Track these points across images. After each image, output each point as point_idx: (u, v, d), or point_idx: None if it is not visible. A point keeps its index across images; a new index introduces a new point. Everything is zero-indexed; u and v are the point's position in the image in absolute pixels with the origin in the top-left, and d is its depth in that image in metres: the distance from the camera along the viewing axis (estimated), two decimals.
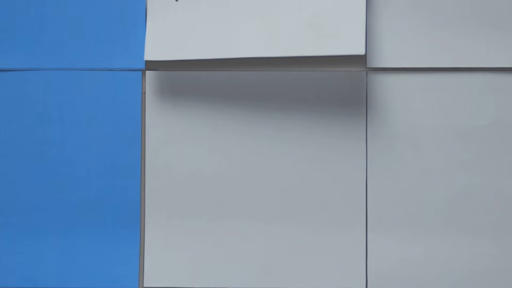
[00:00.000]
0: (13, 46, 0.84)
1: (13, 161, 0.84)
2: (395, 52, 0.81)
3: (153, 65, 0.84)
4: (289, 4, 0.80)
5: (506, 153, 0.80)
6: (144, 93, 0.84)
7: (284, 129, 0.83)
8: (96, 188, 0.84)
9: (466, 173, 0.81)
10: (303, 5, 0.80)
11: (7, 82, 0.84)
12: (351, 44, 0.78)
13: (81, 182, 0.84)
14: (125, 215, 0.84)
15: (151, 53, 0.82)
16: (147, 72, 0.84)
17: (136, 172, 0.83)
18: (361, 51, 0.77)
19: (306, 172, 0.83)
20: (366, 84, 0.82)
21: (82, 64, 0.84)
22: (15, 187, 0.84)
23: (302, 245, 0.83)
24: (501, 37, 0.80)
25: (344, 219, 0.82)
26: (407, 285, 0.82)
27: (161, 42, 0.82)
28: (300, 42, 0.79)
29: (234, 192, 0.83)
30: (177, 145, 0.83)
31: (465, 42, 0.80)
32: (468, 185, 0.81)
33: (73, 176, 0.84)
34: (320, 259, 0.82)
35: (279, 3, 0.80)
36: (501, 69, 0.80)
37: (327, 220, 0.82)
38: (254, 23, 0.80)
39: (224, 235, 0.83)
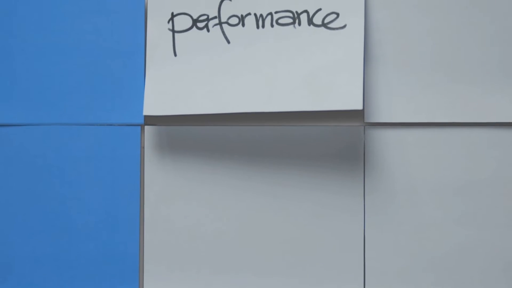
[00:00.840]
0: (13, 101, 0.85)
1: (13, 215, 0.85)
2: (392, 107, 0.82)
3: (152, 120, 0.84)
4: (287, 58, 0.81)
5: (503, 208, 0.80)
6: (143, 148, 0.84)
7: (282, 184, 0.83)
8: (96, 242, 0.84)
9: (463, 228, 0.81)
10: (301, 60, 0.80)
11: (7, 137, 0.85)
12: (349, 99, 0.78)
13: (81, 236, 0.84)
14: (124, 269, 0.84)
15: (150, 108, 0.82)
16: (146, 127, 0.84)
17: (135, 226, 0.84)
18: (359, 106, 0.77)
19: (304, 227, 0.83)
20: (364, 139, 0.82)
21: (81, 119, 0.84)
22: (14, 240, 0.85)
23: None
24: (498, 92, 0.80)
25: (342, 273, 0.82)
26: None
27: (160, 97, 0.82)
28: (297, 97, 0.79)
29: (233, 246, 0.83)
30: (176, 199, 0.84)
31: (462, 97, 0.81)
32: (464, 240, 0.81)
33: (72, 230, 0.84)
34: None
35: (276, 58, 0.81)
36: (498, 124, 0.81)
37: (325, 274, 0.83)
38: (252, 78, 0.81)
39: None
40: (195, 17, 0.83)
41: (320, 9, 0.81)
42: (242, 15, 0.82)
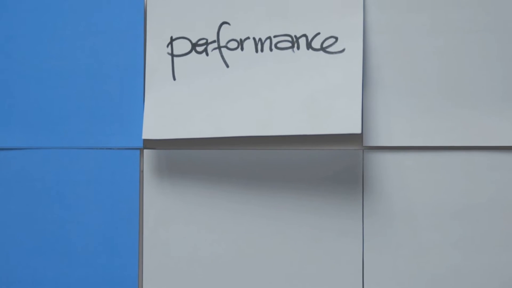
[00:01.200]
0: (13, 125, 0.85)
1: (12, 238, 0.85)
2: (391, 130, 0.82)
3: (151, 144, 0.85)
4: (286, 82, 0.81)
5: (501, 232, 0.80)
6: (142, 171, 0.85)
7: (281, 207, 0.83)
8: (95, 265, 0.84)
9: (461, 252, 0.81)
10: (300, 83, 0.80)
11: (7, 161, 0.85)
12: (347, 123, 0.78)
13: (80, 260, 0.84)
14: None
15: (149, 131, 0.83)
16: (145, 150, 0.85)
17: (134, 250, 0.84)
18: (357, 130, 0.77)
19: (303, 250, 0.83)
20: (363, 163, 0.82)
21: (81, 143, 0.85)
22: (13, 264, 0.85)
23: None
24: (497, 116, 0.80)
25: None
26: None
27: (159, 121, 0.83)
28: (296, 121, 0.79)
29: (231, 269, 0.83)
30: (175, 223, 0.84)
31: (461, 121, 0.81)
32: (463, 264, 0.81)
33: (71, 253, 0.85)
34: None
35: (275, 81, 0.81)
36: (497, 147, 0.81)
37: None
38: (251, 101, 0.81)
39: None
40: (194, 41, 0.83)
41: (318, 33, 0.81)
42: (241, 39, 0.82)
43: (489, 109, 0.80)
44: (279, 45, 0.82)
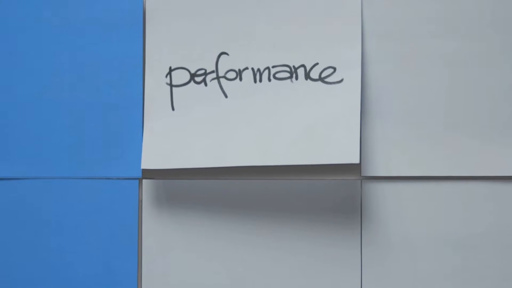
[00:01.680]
0: (11, 155, 0.85)
1: (11, 268, 0.85)
2: (388, 161, 0.82)
3: (149, 174, 0.85)
4: (284, 112, 0.81)
5: (499, 262, 0.81)
6: (141, 201, 0.85)
7: (280, 237, 0.83)
8: None
9: (459, 282, 0.81)
10: (298, 114, 0.81)
11: (6, 191, 0.85)
12: (346, 153, 0.79)
13: None
14: None
15: (148, 161, 0.83)
16: (143, 180, 0.85)
17: (133, 280, 0.84)
18: (356, 160, 0.78)
19: (302, 279, 0.83)
20: (361, 193, 0.83)
21: (80, 173, 0.85)
22: None
23: None
24: (495, 145, 0.81)
25: None
26: None
27: (158, 151, 0.83)
28: (295, 151, 0.80)
29: None
30: (173, 253, 0.84)
31: (459, 151, 0.81)
32: None
33: (70, 283, 0.84)
34: None
35: (274, 111, 0.81)
36: (495, 177, 0.81)
37: None
38: (250, 131, 0.81)
39: None
40: (192, 71, 0.83)
41: (317, 64, 0.81)
42: (239, 69, 0.83)
43: (487, 139, 0.81)
44: (277, 75, 0.82)
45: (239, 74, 0.83)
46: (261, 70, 0.82)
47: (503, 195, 0.81)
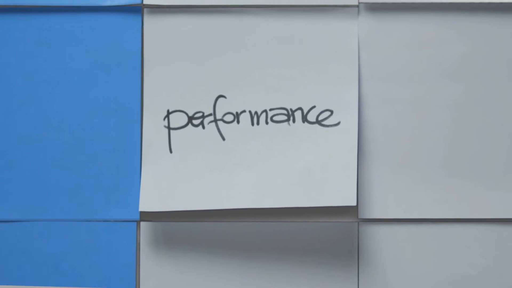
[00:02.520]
0: (9, 197, 0.85)
1: None
2: (386, 203, 0.83)
3: (147, 216, 0.85)
4: (281, 155, 0.82)
5: None
6: (139, 243, 0.85)
7: (277, 279, 0.83)
8: None
9: None
10: (295, 156, 0.81)
11: (4, 233, 0.85)
12: (343, 195, 0.80)
13: None
14: None
15: (146, 204, 0.83)
16: (141, 223, 0.85)
17: None
18: (352, 203, 0.79)
19: None
20: (358, 235, 0.83)
21: (77, 215, 0.85)
22: None
23: None
24: (491, 188, 0.81)
25: None
26: None
27: (156, 193, 0.83)
28: (292, 193, 0.80)
29: None
30: None
31: (455, 193, 0.82)
32: None
33: None
34: None
35: (271, 154, 0.82)
36: (492, 220, 0.82)
37: None
38: (247, 174, 0.82)
39: None
40: (190, 114, 0.84)
41: (314, 107, 0.82)
42: (237, 112, 0.83)
43: (483, 181, 0.81)
44: (275, 118, 0.83)
45: (237, 117, 0.83)
46: (259, 113, 0.83)
47: (498, 237, 0.82)
